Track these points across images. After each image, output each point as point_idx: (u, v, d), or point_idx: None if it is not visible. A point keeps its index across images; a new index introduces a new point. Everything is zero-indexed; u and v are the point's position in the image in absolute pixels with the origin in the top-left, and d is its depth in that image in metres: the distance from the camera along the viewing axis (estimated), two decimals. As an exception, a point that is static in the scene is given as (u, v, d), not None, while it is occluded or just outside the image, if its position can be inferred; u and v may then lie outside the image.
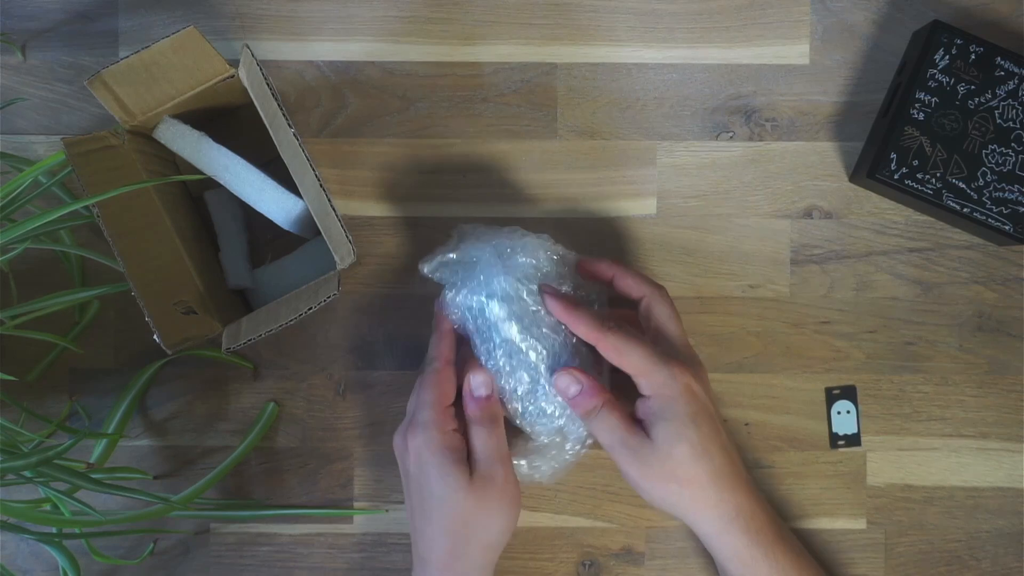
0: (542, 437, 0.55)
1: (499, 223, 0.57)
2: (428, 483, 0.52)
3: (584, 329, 0.53)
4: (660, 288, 0.55)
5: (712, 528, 0.54)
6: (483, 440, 0.53)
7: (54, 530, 0.56)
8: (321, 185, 0.53)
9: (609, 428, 0.52)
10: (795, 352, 0.63)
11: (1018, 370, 0.62)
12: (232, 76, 0.57)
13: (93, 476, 0.53)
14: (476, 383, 0.54)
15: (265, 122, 0.55)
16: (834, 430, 0.62)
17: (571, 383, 0.53)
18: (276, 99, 0.53)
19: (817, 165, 0.63)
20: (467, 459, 0.53)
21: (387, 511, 0.62)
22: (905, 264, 0.63)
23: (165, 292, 0.55)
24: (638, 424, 0.53)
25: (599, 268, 0.56)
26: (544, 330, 0.54)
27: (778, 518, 0.56)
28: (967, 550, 0.62)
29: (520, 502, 0.54)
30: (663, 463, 0.52)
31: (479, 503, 0.52)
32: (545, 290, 0.54)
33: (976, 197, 0.59)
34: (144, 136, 0.59)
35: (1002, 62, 0.59)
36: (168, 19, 0.63)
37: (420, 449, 0.52)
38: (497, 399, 0.55)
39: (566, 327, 0.54)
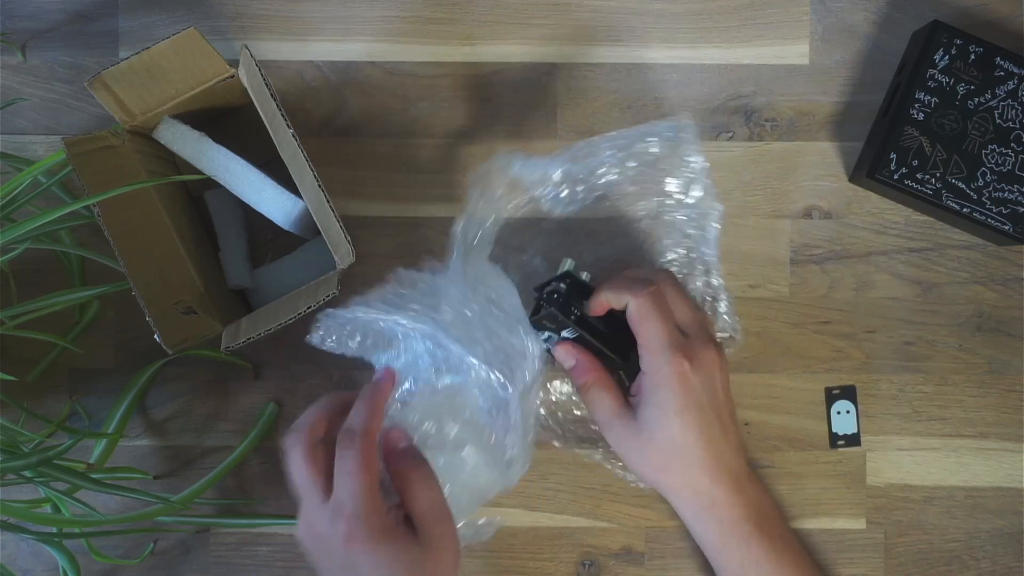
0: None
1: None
2: (382, 570, 0.46)
3: (612, 293, 0.53)
4: (665, 271, 0.55)
5: (687, 513, 0.56)
6: (429, 496, 0.49)
7: (54, 530, 0.56)
8: (320, 185, 0.53)
9: (600, 405, 0.55)
10: (795, 352, 0.63)
11: (1018, 370, 0.62)
12: (232, 76, 0.57)
13: (93, 476, 0.53)
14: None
15: (265, 122, 0.55)
16: (834, 430, 0.62)
17: (567, 356, 0.56)
18: (275, 99, 0.53)
19: (817, 165, 0.63)
20: (404, 522, 0.48)
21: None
22: (905, 264, 0.63)
23: (165, 292, 0.55)
24: (629, 404, 0.55)
25: (600, 304, 0.54)
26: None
27: (774, 516, 0.56)
28: (967, 550, 0.62)
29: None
30: (644, 447, 0.54)
31: (435, 562, 0.47)
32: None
33: (976, 197, 0.59)
34: (144, 136, 0.59)
35: (1002, 62, 0.59)
36: (168, 19, 0.63)
37: (363, 544, 0.46)
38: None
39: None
